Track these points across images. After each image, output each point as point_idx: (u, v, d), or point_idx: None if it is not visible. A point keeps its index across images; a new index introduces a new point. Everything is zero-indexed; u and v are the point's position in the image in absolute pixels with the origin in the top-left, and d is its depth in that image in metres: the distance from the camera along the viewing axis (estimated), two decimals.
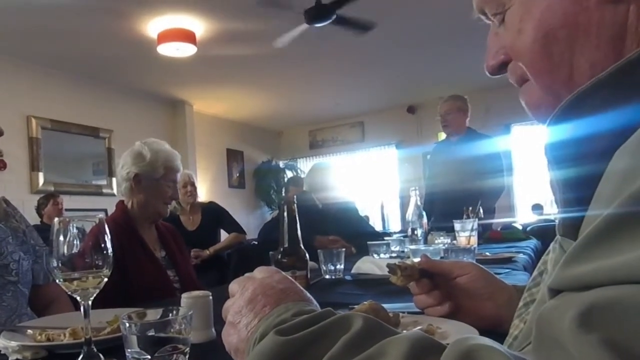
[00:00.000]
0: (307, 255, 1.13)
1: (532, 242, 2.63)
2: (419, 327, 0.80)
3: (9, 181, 4.87)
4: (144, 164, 1.84)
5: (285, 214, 1.10)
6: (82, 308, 0.75)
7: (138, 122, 6.37)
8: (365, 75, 6.43)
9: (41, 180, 5.25)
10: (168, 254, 1.91)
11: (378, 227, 6.88)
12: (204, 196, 6.33)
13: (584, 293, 0.31)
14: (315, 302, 0.56)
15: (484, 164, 3.31)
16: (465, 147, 3.43)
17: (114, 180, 5.65)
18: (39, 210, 4.74)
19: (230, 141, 8.22)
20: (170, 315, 0.65)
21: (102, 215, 0.82)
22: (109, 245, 0.76)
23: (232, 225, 3.99)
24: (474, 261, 1.24)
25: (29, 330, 0.92)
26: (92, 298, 0.76)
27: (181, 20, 4.48)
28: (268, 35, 4.71)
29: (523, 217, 6.77)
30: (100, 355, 0.74)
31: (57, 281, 0.75)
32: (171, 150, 1.93)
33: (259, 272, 0.62)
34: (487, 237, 2.75)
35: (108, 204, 5.38)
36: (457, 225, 2.10)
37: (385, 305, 0.86)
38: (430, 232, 2.33)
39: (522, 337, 0.53)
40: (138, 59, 5.30)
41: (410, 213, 2.12)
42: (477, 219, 2.16)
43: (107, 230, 0.77)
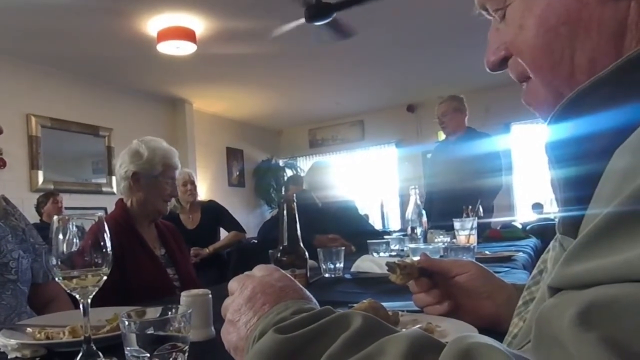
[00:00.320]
0: (307, 253, 1.13)
1: (532, 241, 2.63)
2: (418, 326, 0.80)
3: (8, 180, 4.87)
4: (142, 162, 1.84)
5: (285, 212, 1.10)
6: (81, 306, 0.75)
7: (138, 120, 6.37)
8: (365, 74, 6.42)
9: (41, 179, 5.25)
10: (168, 252, 1.91)
11: (378, 226, 6.88)
12: (203, 195, 6.33)
13: (583, 291, 0.31)
14: (315, 300, 0.56)
15: (482, 163, 3.31)
16: (464, 147, 3.44)
17: (114, 178, 5.65)
18: (38, 208, 4.74)
19: (230, 140, 8.22)
20: (170, 313, 0.65)
21: (101, 213, 0.82)
22: (108, 243, 0.76)
23: (232, 224, 3.99)
24: (474, 260, 1.24)
25: (28, 329, 0.92)
26: (91, 296, 0.76)
27: (181, 18, 4.47)
28: (268, 34, 4.70)
29: (523, 215, 6.78)
30: (100, 353, 0.75)
31: (56, 279, 0.75)
32: (169, 148, 1.93)
33: (259, 270, 0.62)
34: (486, 236, 2.76)
35: (108, 203, 5.38)
36: (456, 224, 2.10)
37: (385, 304, 0.85)
38: (430, 230, 2.33)
39: (522, 335, 0.53)
40: (138, 57, 5.29)
41: (409, 212, 2.12)
42: (476, 218, 2.16)
43: (107, 228, 0.77)
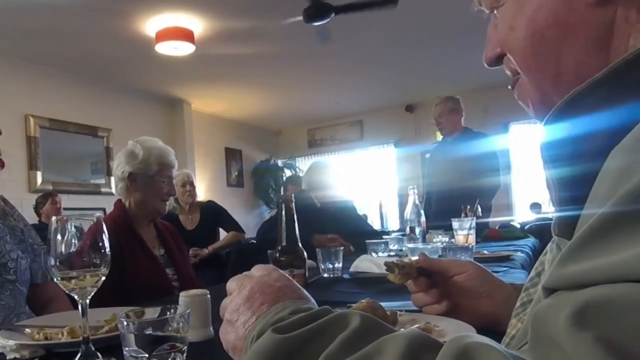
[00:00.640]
0: (305, 253, 1.13)
1: (530, 241, 2.64)
2: (416, 325, 0.80)
3: (7, 180, 4.86)
4: (137, 162, 1.84)
5: (284, 212, 1.10)
6: (79, 307, 0.75)
7: (136, 121, 6.36)
8: (363, 74, 6.42)
9: (39, 180, 5.24)
10: (167, 253, 1.91)
11: (376, 226, 6.89)
12: (202, 195, 6.33)
13: (578, 292, 0.31)
14: (313, 300, 0.56)
15: (479, 163, 3.32)
16: (461, 147, 3.45)
17: (112, 179, 5.62)
18: (37, 209, 4.73)
19: (228, 140, 8.21)
20: (168, 313, 0.65)
21: (100, 214, 0.82)
22: (106, 244, 0.76)
23: (231, 224, 3.99)
24: (472, 259, 1.24)
25: (26, 329, 0.92)
26: (89, 297, 0.76)
27: (179, 18, 4.47)
28: (266, 34, 4.71)
29: (521, 215, 6.78)
30: (98, 353, 0.74)
31: (54, 280, 0.75)
32: (164, 146, 1.92)
33: (257, 270, 0.62)
34: (485, 236, 2.76)
35: (106, 203, 5.37)
36: (455, 224, 2.11)
37: (383, 304, 0.86)
38: (428, 230, 2.33)
39: (519, 336, 0.53)
40: (136, 57, 5.29)
41: (408, 211, 2.12)
42: (475, 218, 2.16)
43: (105, 228, 0.77)
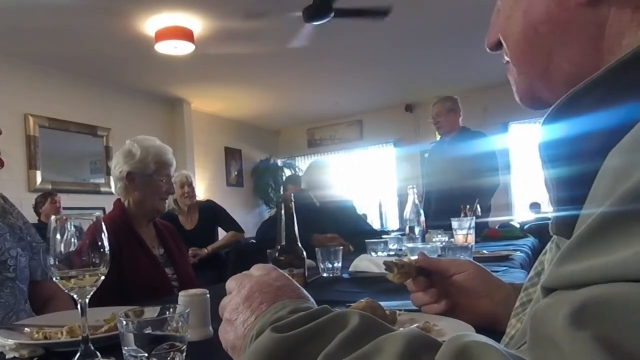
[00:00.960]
0: (305, 253, 1.13)
1: (530, 240, 2.64)
2: (415, 325, 0.80)
3: (6, 179, 4.85)
4: (135, 162, 1.84)
5: (283, 212, 1.10)
6: (79, 306, 0.75)
7: (136, 120, 6.36)
8: (363, 74, 6.42)
9: (39, 179, 5.24)
10: (166, 252, 1.91)
11: (376, 225, 6.89)
12: (202, 194, 6.33)
13: (576, 291, 0.31)
14: (312, 299, 0.56)
15: (477, 162, 3.33)
16: (458, 146, 3.46)
17: (112, 178, 5.64)
18: (36, 208, 4.73)
19: (228, 139, 8.21)
20: (168, 313, 0.65)
21: (99, 213, 0.82)
22: (106, 243, 0.76)
23: (230, 224, 3.98)
24: (471, 259, 1.24)
25: (26, 329, 0.92)
26: (89, 296, 0.76)
27: (179, 18, 4.47)
28: (266, 34, 4.71)
29: (520, 215, 6.78)
30: (98, 353, 0.74)
31: (54, 279, 0.75)
32: (161, 145, 1.92)
33: (256, 270, 0.62)
34: (484, 235, 2.76)
35: (106, 203, 5.37)
36: (454, 223, 2.11)
37: (382, 303, 0.86)
38: (428, 230, 2.33)
39: (519, 336, 0.53)
40: (136, 57, 5.28)
41: (408, 211, 2.12)
42: (474, 217, 2.16)
43: (104, 228, 0.77)
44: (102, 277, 0.77)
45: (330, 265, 1.69)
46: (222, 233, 4.11)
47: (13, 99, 5.05)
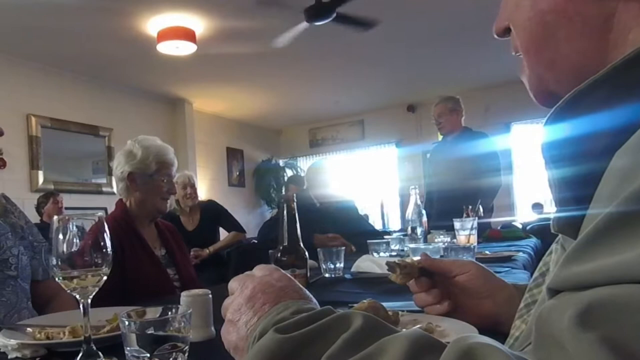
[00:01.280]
0: (307, 253, 1.12)
1: (532, 241, 2.64)
2: (418, 326, 0.80)
3: (8, 180, 4.87)
4: (136, 162, 1.84)
5: (285, 212, 1.10)
6: (81, 306, 0.75)
7: (138, 120, 6.37)
8: (365, 74, 6.42)
9: (41, 179, 5.25)
10: (168, 253, 1.91)
11: (377, 226, 6.89)
12: (203, 195, 6.33)
13: (582, 292, 0.31)
14: (315, 300, 0.56)
15: (479, 162, 3.32)
16: (460, 146, 3.46)
17: (114, 178, 5.64)
18: (38, 208, 4.74)
19: (230, 140, 8.21)
20: (170, 313, 0.65)
21: (101, 213, 0.82)
22: (108, 243, 0.76)
23: (232, 224, 3.98)
24: (474, 260, 1.24)
25: (28, 329, 0.92)
26: (91, 296, 0.76)
27: (181, 18, 4.47)
28: (268, 34, 4.70)
29: (523, 215, 6.77)
30: (100, 353, 0.74)
31: (56, 279, 0.75)
32: (162, 145, 1.92)
33: (259, 270, 0.62)
34: (486, 236, 2.76)
35: (108, 203, 5.38)
36: (456, 224, 2.10)
37: (385, 304, 0.85)
38: (430, 230, 2.33)
39: (523, 337, 0.53)
40: (138, 57, 5.29)
41: (410, 212, 2.11)
42: (476, 218, 2.16)
43: (107, 228, 0.77)
44: (105, 278, 0.77)
45: (332, 266, 1.69)
46: (223, 233, 4.11)
47: (15, 99, 5.06)
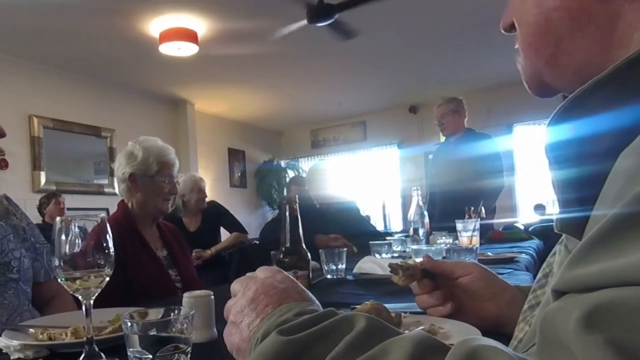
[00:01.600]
0: (309, 254, 1.12)
1: (534, 242, 2.63)
2: (421, 327, 0.80)
3: (10, 180, 4.87)
4: (137, 163, 1.84)
5: (287, 213, 1.10)
6: (83, 307, 0.75)
7: (140, 121, 6.38)
8: (367, 75, 6.42)
9: (43, 180, 5.26)
10: (170, 254, 1.91)
11: (379, 227, 6.88)
12: None
13: (588, 294, 0.30)
14: (318, 302, 0.56)
15: (482, 164, 3.32)
16: (463, 147, 3.45)
17: (115, 179, 5.65)
18: (40, 209, 4.75)
19: (231, 140, 8.22)
20: (172, 314, 0.65)
21: (103, 214, 0.82)
22: (110, 244, 0.76)
23: (234, 225, 3.98)
24: (476, 261, 1.24)
25: (30, 330, 0.92)
26: (93, 297, 0.76)
27: (183, 19, 4.48)
28: (270, 35, 4.71)
29: (525, 217, 6.76)
30: (102, 354, 0.74)
31: (59, 280, 0.75)
32: (163, 145, 1.91)
33: (261, 272, 0.61)
34: (488, 237, 2.75)
35: (110, 204, 5.39)
36: (459, 225, 2.10)
37: (388, 305, 0.85)
38: (432, 232, 2.32)
39: (527, 339, 0.52)
40: (140, 58, 5.30)
41: (412, 213, 2.11)
42: (479, 219, 2.15)
43: (109, 229, 0.77)
44: (107, 279, 0.77)
45: (334, 267, 1.69)
46: (224, 234, 4.11)
47: (17, 100, 5.07)
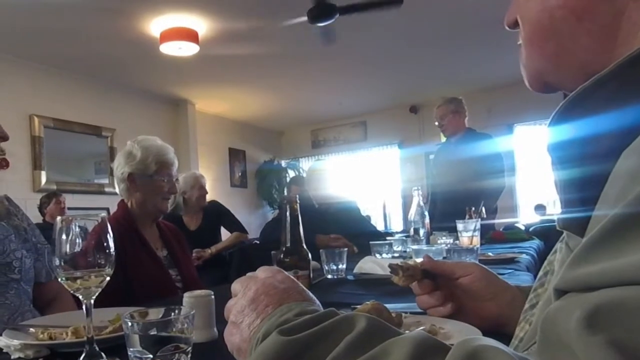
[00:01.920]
0: (310, 254, 1.12)
1: (535, 243, 2.63)
2: (421, 328, 0.80)
3: (11, 180, 4.87)
4: (135, 163, 1.84)
5: (288, 213, 1.10)
6: (84, 307, 0.75)
7: (140, 121, 6.38)
8: (367, 75, 6.42)
9: (44, 179, 5.26)
10: (170, 253, 1.91)
11: (380, 227, 6.88)
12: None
13: (590, 294, 0.30)
14: (318, 302, 0.56)
15: (483, 164, 3.32)
16: (464, 148, 3.45)
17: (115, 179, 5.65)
18: (41, 209, 4.75)
19: (232, 140, 8.22)
20: (173, 314, 0.65)
21: (104, 214, 0.82)
22: (111, 244, 0.76)
23: (234, 225, 3.98)
24: (477, 261, 1.24)
25: (31, 329, 0.92)
26: (94, 297, 0.76)
27: (184, 19, 4.48)
28: (270, 35, 4.71)
29: (526, 217, 6.76)
30: (102, 354, 0.74)
31: (59, 280, 0.75)
32: (162, 145, 1.91)
33: (262, 272, 0.61)
34: (489, 238, 2.75)
35: (110, 203, 5.39)
36: (459, 226, 2.10)
37: (388, 305, 0.85)
38: (432, 232, 2.32)
39: (528, 337, 0.52)
40: (140, 58, 5.30)
41: (412, 213, 2.11)
42: (479, 219, 2.15)
43: (110, 229, 0.77)
44: (108, 278, 0.77)
45: (334, 267, 1.69)
46: (225, 234, 4.11)
47: (18, 100, 5.07)
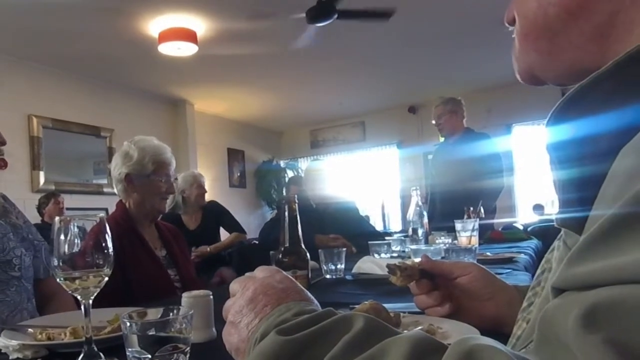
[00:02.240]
0: (308, 254, 1.12)
1: (533, 243, 2.63)
2: (419, 327, 0.80)
3: (10, 180, 4.87)
4: (132, 163, 1.83)
5: (286, 213, 1.10)
6: (82, 307, 0.75)
7: (139, 121, 6.37)
8: (366, 75, 6.42)
9: (42, 180, 5.26)
10: (169, 253, 1.91)
11: (379, 227, 6.89)
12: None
13: (587, 292, 0.30)
14: (317, 302, 0.56)
15: (482, 164, 3.32)
16: (462, 148, 3.45)
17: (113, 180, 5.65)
18: (39, 209, 4.75)
19: (231, 140, 8.22)
20: (171, 314, 0.65)
21: (102, 214, 0.82)
22: (109, 244, 0.76)
23: (233, 225, 3.99)
24: (475, 261, 1.24)
25: (29, 329, 0.92)
26: (92, 297, 0.76)
27: (182, 19, 4.48)
28: (269, 35, 4.71)
29: (524, 217, 6.77)
30: (101, 354, 0.74)
31: (57, 280, 0.75)
32: (159, 145, 1.91)
33: (260, 272, 0.61)
34: (488, 237, 2.75)
35: (109, 203, 5.38)
36: (458, 225, 2.10)
37: (386, 305, 0.85)
38: (431, 232, 2.32)
39: (525, 335, 0.52)
40: (139, 58, 5.30)
41: (411, 213, 2.11)
42: (478, 219, 2.16)
43: (108, 229, 0.77)
44: (106, 278, 0.77)
45: (333, 267, 1.69)
46: (224, 234, 4.11)
47: (17, 100, 5.06)
